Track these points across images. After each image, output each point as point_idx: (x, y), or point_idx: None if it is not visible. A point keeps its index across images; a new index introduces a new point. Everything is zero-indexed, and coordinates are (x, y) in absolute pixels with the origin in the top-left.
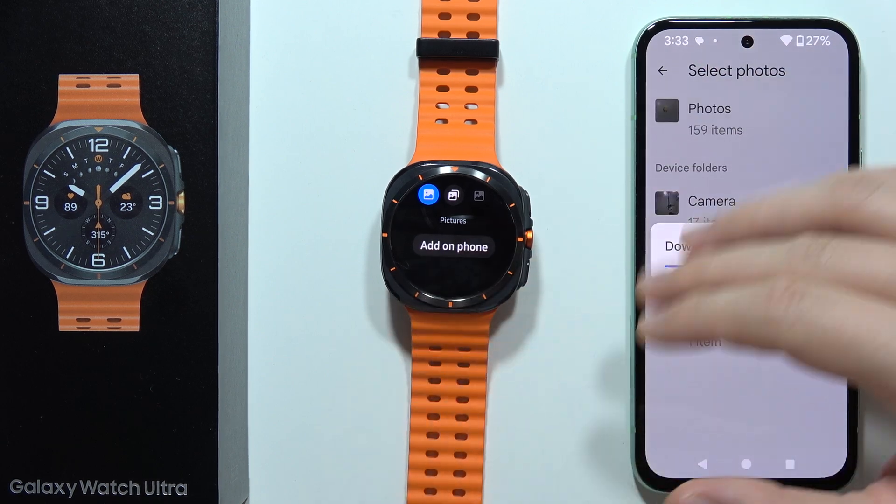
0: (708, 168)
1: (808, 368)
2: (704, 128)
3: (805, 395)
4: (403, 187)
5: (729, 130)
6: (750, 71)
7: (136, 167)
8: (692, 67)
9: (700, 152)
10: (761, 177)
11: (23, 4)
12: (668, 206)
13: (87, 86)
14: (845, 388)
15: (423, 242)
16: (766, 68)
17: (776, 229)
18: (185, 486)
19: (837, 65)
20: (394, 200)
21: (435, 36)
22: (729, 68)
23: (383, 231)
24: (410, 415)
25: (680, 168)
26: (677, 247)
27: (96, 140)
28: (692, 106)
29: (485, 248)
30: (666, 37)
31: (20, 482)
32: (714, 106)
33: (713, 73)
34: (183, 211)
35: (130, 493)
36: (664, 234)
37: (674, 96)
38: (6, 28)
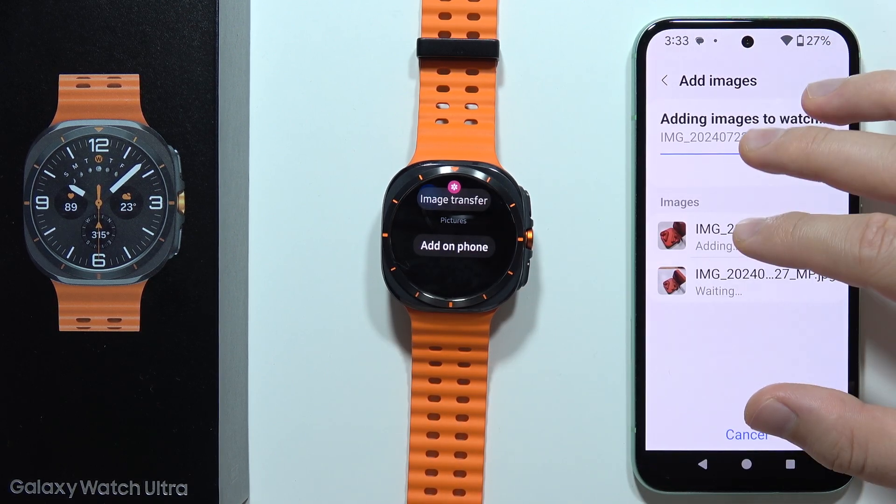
0: (708, 168)
1: None
2: (704, 127)
3: None
4: (403, 187)
5: (730, 131)
6: (750, 71)
7: (137, 167)
8: (693, 67)
9: (701, 153)
10: (762, 173)
11: (23, 4)
12: (669, 206)
13: (88, 86)
14: (846, 389)
15: (424, 242)
16: (766, 71)
17: None
18: (185, 486)
19: (837, 65)
20: (394, 200)
21: (435, 36)
22: (730, 69)
23: (383, 231)
24: (410, 415)
25: (680, 168)
26: (677, 246)
27: (96, 140)
28: (692, 105)
29: (485, 248)
30: (666, 37)
31: (20, 482)
32: (714, 106)
33: (714, 74)
34: (183, 211)
35: (130, 493)
36: (664, 234)
37: (674, 96)
38: (6, 28)
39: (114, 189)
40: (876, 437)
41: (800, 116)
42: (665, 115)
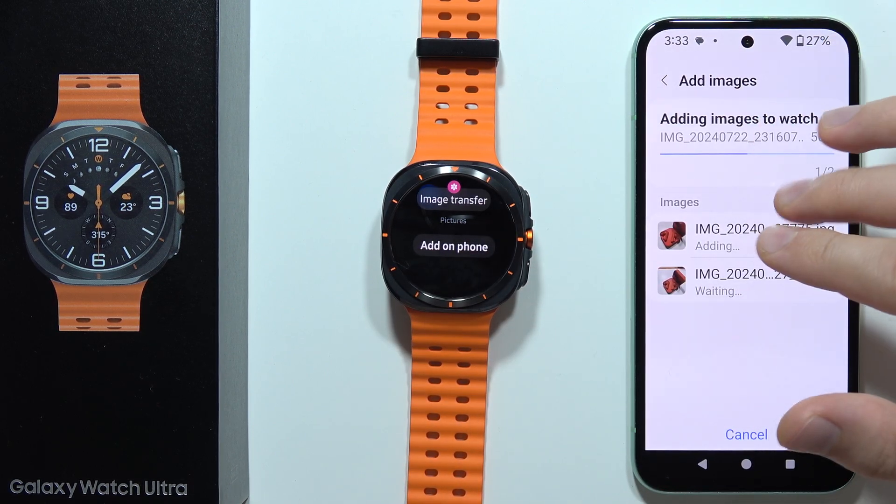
0: (708, 168)
1: None
2: (704, 127)
3: (805, 396)
4: (403, 187)
5: (730, 131)
6: (750, 71)
7: (137, 167)
8: (693, 67)
9: (701, 153)
10: (762, 173)
11: (23, 4)
12: (669, 206)
13: (87, 86)
14: (846, 389)
15: (423, 242)
16: (766, 71)
17: None
18: (185, 486)
19: (837, 65)
20: (394, 200)
21: (435, 36)
22: (729, 69)
23: (383, 231)
24: (410, 415)
25: (681, 167)
26: (677, 246)
27: (96, 140)
28: (692, 105)
29: (485, 248)
30: (666, 37)
31: (20, 482)
32: (714, 106)
33: (714, 74)
34: (183, 211)
35: (130, 493)
36: (664, 234)
37: (674, 96)
38: (6, 28)
39: (114, 189)
40: None
41: (799, 116)
42: (665, 115)
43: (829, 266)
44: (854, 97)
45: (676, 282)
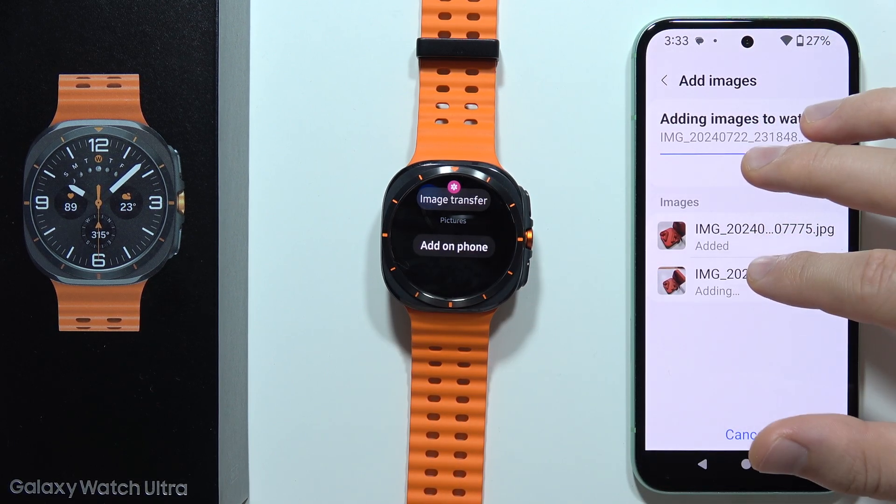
0: (708, 168)
1: None
2: (704, 127)
3: (806, 395)
4: (403, 187)
5: (730, 131)
6: (750, 71)
7: (136, 167)
8: (693, 67)
9: (701, 153)
10: None
11: (23, 4)
12: (669, 206)
13: (87, 86)
14: (846, 389)
15: (423, 242)
16: (766, 71)
17: None
18: (185, 486)
19: (837, 65)
20: (394, 200)
21: (435, 36)
22: (729, 69)
23: (383, 231)
24: (410, 415)
25: (681, 167)
26: (677, 246)
27: (96, 140)
28: (691, 105)
29: (485, 248)
30: (666, 37)
31: (20, 482)
32: (714, 106)
33: (714, 74)
34: (183, 211)
35: (130, 493)
36: (664, 234)
37: (674, 96)
38: (6, 28)
39: (114, 189)
40: (886, 454)
41: (799, 117)
42: (665, 115)
43: (806, 284)
44: None
45: (676, 282)
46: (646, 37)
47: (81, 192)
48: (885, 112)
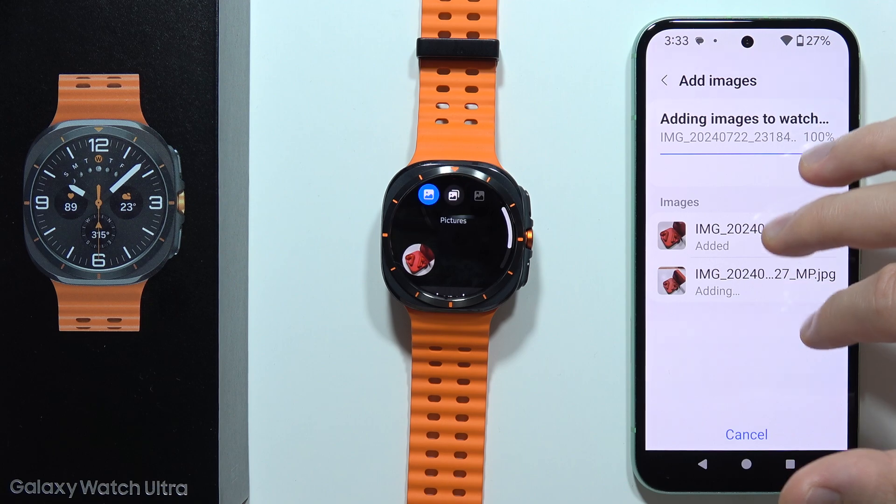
0: (708, 168)
1: None
2: (704, 126)
3: (805, 396)
4: (403, 187)
5: (730, 131)
6: (750, 71)
7: (136, 167)
8: (693, 67)
9: (701, 153)
10: (762, 173)
11: (23, 4)
12: (669, 206)
13: (87, 86)
14: (846, 389)
15: (423, 242)
16: (766, 71)
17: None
18: (185, 486)
19: (837, 65)
20: (394, 200)
21: (435, 36)
22: (729, 69)
23: (383, 231)
24: (410, 415)
25: (681, 167)
26: (677, 246)
27: (96, 140)
28: (692, 105)
29: (485, 248)
30: (666, 37)
31: (20, 482)
32: (714, 106)
33: (714, 74)
34: (183, 211)
35: (130, 493)
36: (664, 234)
37: (674, 97)
38: (6, 28)
39: (114, 189)
40: None
41: (799, 116)
42: (665, 115)
43: (832, 323)
44: (854, 97)
45: (676, 282)
46: (646, 37)
47: (81, 192)
48: (877, 146)
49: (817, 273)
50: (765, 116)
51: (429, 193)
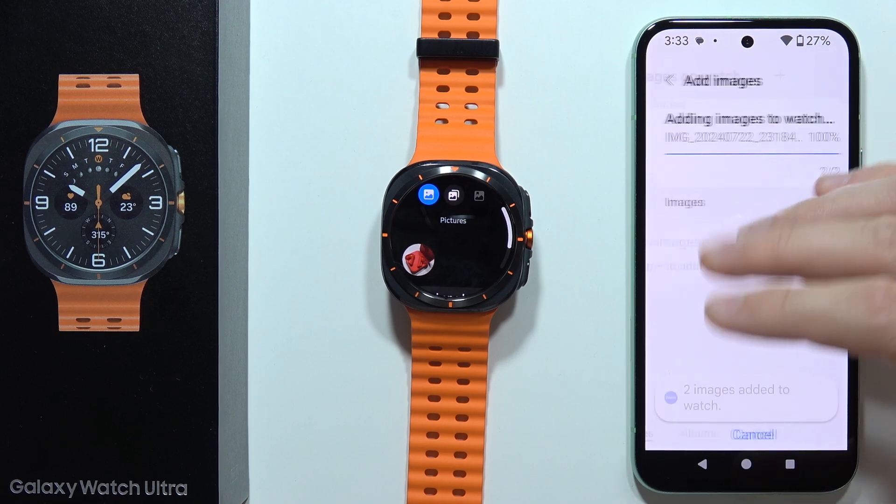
0: (708, 167)
1: None
2: (704, 126)
3: (805, 395)
4: (403, 187)
5: (729, 130)
6: (750, 71)
7: (136, 167)
8: (693, 67)
9: (700, 153)
10: (761, 174)
11: (23, 4)
12: (675, 206)
13: (87, 86)
14: (846, 388)
15: (423, 242)
16: (766, 71)
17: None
18: (185, 486)
19: (837, 65)
20: (394, 200)
21: (435, 36)
22: (730, 69)
23: (383, 231)
24: (410, 415)
25: (680, 167)
26: (676, 246)
27: (96, 140)
28: (692, 105)
29: (484, 248)
30: (666, 37)
31: (20, 482)
32: (714, 106)
33: (714, 74)
34: (183, 211)
35: (130, 493)
36: (664, 234)
37: (674, 97)
38: (6, 28)
39: (114, 189)
40: None
41: (804, 117)
42: (669, 115)
43: (791, 317)
44: (854, 97)
45: (676, 282)
46: (646, 37)
47: (81, 192)
48: (782, 255)
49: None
50: (769, 116)
51: (429, 193)
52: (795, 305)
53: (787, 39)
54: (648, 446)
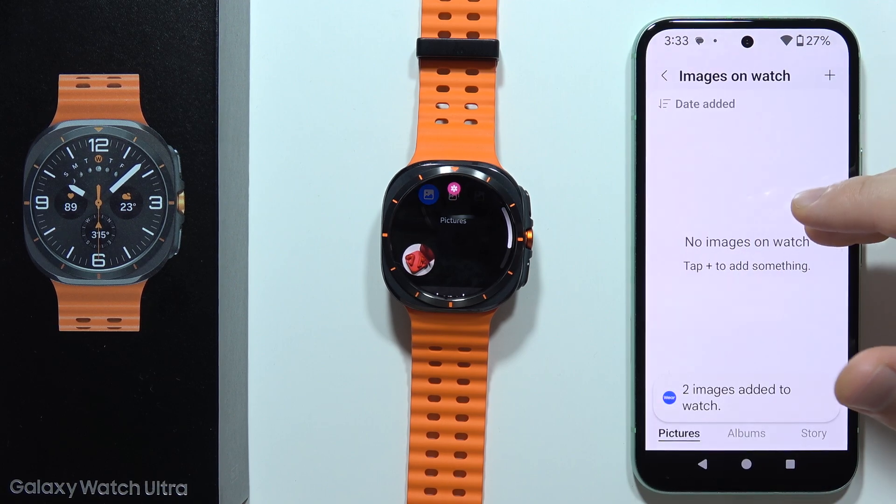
0: (707, 168)
1: None
2: (704, 127)
3: (805, 395)
4: (403, 187)
5: (730, 130)
6: (750, 71)
7: (136, 167)
8: (693, 67)
9: (700, 153)
10: (761, 175)
11: (23, 4)
12: (669, 205)
13: (87, 86)
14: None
15: (423, 242)
16: (766, 71)
17: None
18: (185, 486)
19: (837, 65)
20: (394, 200)
21: (435, 36)
22: (729, 69)
23: (383, 231)
24: (410, 415)
25: (679, 167)
26: (677, 246)
27: (96, 140)
28: (692, 105)
29: (484, 248)
30: (666, 37)
31: (20, 482)
32: (715, 106)
33: (713, 74)
34: (183, 211)
35: (130, 493)
36: (664, 234)
37: (674, 97)
38: (6, 28)
39: (114, 189)
40: None
41: (804, 116)
42: (668, 115)
43: (867, 200)
44: (854, 97)
45: (676, 282)
46: (646, 37)
47: (81, 192)
48: (862, 204)
49: (819, 274)
50: (769, 116)
51: (429, 193)
52: (871, 190)
53: (787, 39)
54: (648, 446)
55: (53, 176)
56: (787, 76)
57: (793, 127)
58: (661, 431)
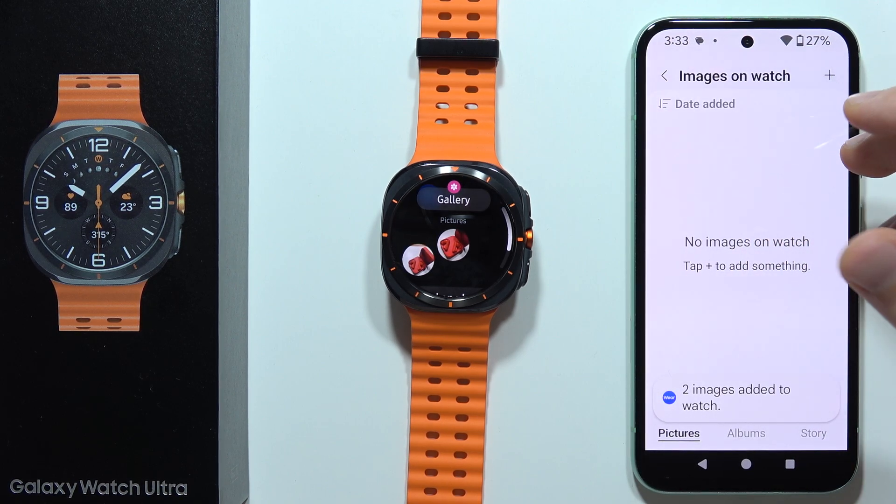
0: (707, 168)
1: None
2: (704, 127)
3: (805, 395)
4: (403, 187)
5: (729, 130)
6: (750, 71)
7: (136, 167)
8: (693, 67)
9: (700, 153)
10: (761, 175)
11: (23, 4)
12: (669, 205)
13: (87, 86)
14: (846, 389)
15: (423, 242)
16: (766, 71)
17: None
18: (185, 486)
19: (837, 65)
20: (394, 200)
21: (435, 36)
22: (729, 69)
23: (383, 231)
24: (410, 415)
25: (679, 167)
26: (676, 246)
27: (96, 140)
28: (692, 105)
29: (485, 248)
30: (666, 37)
31: (20, 482)
32: (714, 106)
33: (713, 74)
34: (183, 211)
35: (130, 493)
36: (664, 234)
37: (674, 97)
38: (6, 28)
39: (114, 189)
40: None
41: (804, 116)
42: (668, 115)
43: None
44: None
45: (676, 281)
46: (646, 37)
47: (81, 192)
48: None
49: (819, 274)
50: (769, 116)
51: (429, 193)
52: None
53: (787, 39)
54: (648, 446)
55: (53, 176)
56: (787, 76)
57: (793, 127)
58: (661, 431)
